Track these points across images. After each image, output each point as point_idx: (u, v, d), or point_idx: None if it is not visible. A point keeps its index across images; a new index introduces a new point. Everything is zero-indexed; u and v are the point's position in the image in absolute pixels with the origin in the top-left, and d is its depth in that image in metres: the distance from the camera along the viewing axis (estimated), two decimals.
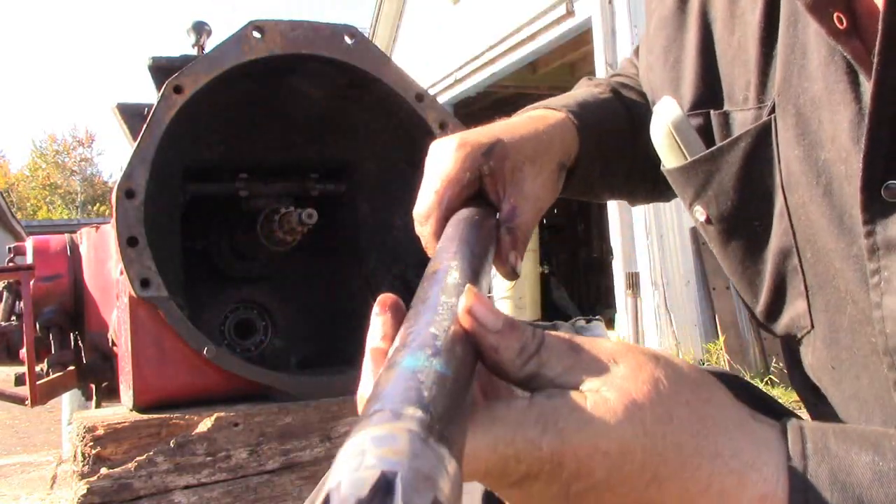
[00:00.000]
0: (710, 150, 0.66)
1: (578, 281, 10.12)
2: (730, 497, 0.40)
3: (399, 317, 0.46)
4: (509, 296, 7.72)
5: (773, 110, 0.61)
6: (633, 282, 5.62)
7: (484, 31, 7.71)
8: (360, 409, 0.44)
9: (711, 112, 0.67)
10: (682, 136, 0.68)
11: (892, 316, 0.54)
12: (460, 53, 8.26)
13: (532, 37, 7.02)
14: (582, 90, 0.86)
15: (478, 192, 0.66)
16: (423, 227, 0.65)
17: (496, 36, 7.49)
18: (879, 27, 0.49)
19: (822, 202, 0.57)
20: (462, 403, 0.38)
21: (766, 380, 4.81)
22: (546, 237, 9.53)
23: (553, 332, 0.44)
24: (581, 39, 6.74)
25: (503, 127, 0.71)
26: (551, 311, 8.55)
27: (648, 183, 0.88)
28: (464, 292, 0.44)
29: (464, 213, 0.62)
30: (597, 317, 2.50)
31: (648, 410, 0.40)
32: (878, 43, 0.50)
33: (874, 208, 0.53)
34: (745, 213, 0.65)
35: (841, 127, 0.55)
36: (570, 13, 6.41)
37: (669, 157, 0.71)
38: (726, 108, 0.66)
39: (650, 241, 5.52)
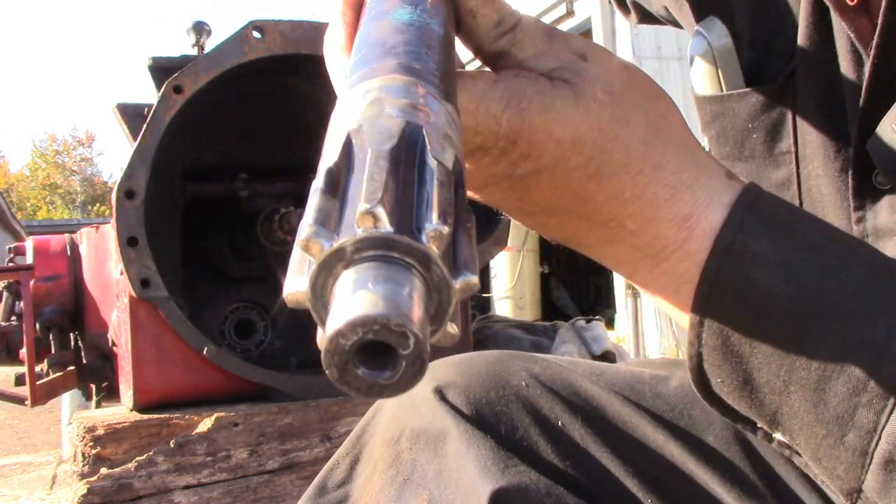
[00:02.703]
0: (722, 93, 0.64)
1: (578, 281, 10.10)
2: (658, 208, 0.41)
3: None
4: (509, 295, 7.70)
5: (792, 74, 0.59)
6: None
7: None
8: (336, 53, 0.40)
9: (752, 49, 0.64)
10: (723, 65, 0.64)
11: None
12: (460, 53, 8.25)
13: None
14: None
15: None
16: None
17: None
18: (879, 22, 0.47)
19: (836, 178, 0.55)
20: (453, 61, 0.37)
21: None
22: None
23: (530, 16, 0.43)
24: None
25: None
26: (551, 311, 8.52)
27: None
28: None
29: None
30: (597, 317, 2.51)
31: (608, 109, 0.40)
32: (876, 36, 0.48)
33: (865, 194, 0.52)
34: (744, 167, 0.63)
35: (856, 105, 0.53)
36: (570, 13, 6.41)
37: (702, 81, 0.67)
38: (766, 47, 0.63)
39: None
